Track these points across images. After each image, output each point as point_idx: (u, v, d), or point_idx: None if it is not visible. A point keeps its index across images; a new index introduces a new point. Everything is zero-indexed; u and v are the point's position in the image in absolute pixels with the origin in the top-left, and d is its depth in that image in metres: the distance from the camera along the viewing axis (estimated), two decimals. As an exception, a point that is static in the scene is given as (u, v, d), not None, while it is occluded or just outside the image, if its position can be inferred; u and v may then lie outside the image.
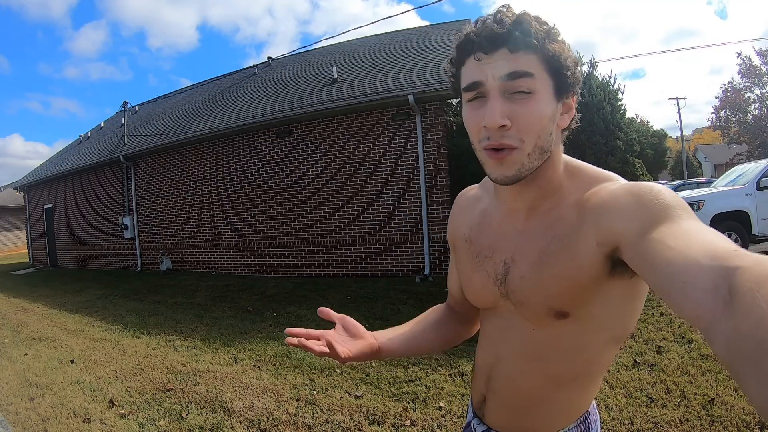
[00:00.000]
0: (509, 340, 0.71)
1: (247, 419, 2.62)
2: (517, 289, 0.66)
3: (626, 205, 0.54)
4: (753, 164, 7.12)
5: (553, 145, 0.62)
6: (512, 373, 0.71)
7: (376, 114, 6.94)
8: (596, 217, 0.58)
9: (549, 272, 0.62)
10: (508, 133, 0.58)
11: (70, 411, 2.87)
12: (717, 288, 0.36)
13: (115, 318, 5.52)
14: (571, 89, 0.62)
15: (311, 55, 11.04)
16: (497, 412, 0.76)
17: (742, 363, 0.31)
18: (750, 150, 22.21)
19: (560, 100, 0.61)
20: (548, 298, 0.63)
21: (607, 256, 0.57)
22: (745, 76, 21.62)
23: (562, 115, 0.63)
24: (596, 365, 0.69)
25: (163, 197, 9.67)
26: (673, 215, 0.50)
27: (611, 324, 0.64)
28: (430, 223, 6.62)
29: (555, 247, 0.62)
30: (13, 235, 23.32)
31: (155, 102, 14.18)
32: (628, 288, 0.60)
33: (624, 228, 0.53)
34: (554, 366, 0.67)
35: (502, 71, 0.57)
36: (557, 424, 0.72)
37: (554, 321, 0.64)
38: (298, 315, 5.00)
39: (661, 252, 0.45)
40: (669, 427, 2.21)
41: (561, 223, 0.63)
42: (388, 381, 3.02)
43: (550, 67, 0.58)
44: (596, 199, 0.59)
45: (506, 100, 0.57)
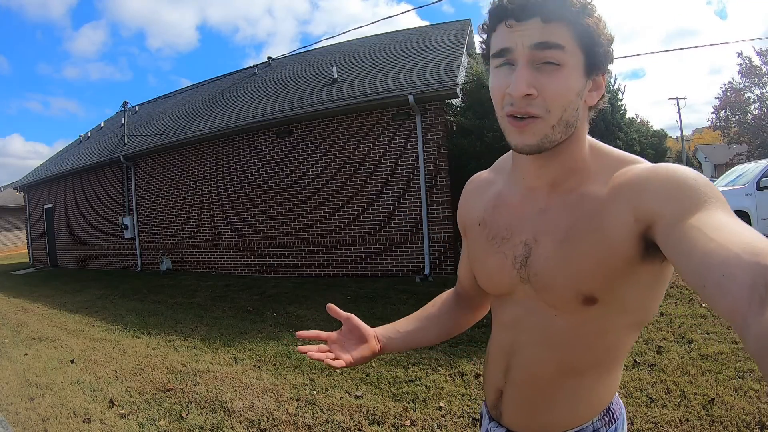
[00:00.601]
0: (528, 328, 0.68)
1: (247, 419, 2.62)
2: (541, 271, 0.64)
3: (667, 185, 0.53)
4: (753, 164, 7.12)
5: (578, 121, 0.61)
6: (531, 362, 0.68)
7: (376, 114, 6.94)
8: (633, 194, 0.56)
9: (578, 251, 0.60)
10: (533, 102, 0.57)
11: (70, 411, 2.86)
12: (755, 285, 0.37)
13: (115, 318, 5.52)
14: (603, 67, 0.60)
15: (311, 55, 11.04)
16: (516, 407, 0.72)
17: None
18: (750, 150, 22.20)
19: (590, 76, 0.59)
20: (577, 280, 0.60)
21: (641, 236, 0.55)
22: (745, 76, 21.61)
23: (591, 92, 0.61)
24: (618, 351, 0.67)
25: (163, 197, 9.67)
26: (713, 204, 0.49)
27: (635, 308, 0.62)
28: (430, 223, 6.62)
29: (584, 225, 0.60)
30: (13, 235, 23.32)
31: (155, 102, 14.17)
32: (656, 272, 0.59)
33: (662, 208, 0.52)
34: (575, 352, 0.65)
35: (532, 40, 0.56)
36: (580, 416, 0.69)
37: (580, 307, 0.61)
38: (298, 315, 5.00)
39: (700, 241, 0.45)
40: (669, 427, 2.21)
41: (589, 201, 0.61)
42: (388, 381, 3.02)
43: (583, 41, 0.57)
44: (632, 176, 0.58)
45: (534, 70, 0.56)
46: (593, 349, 0.65)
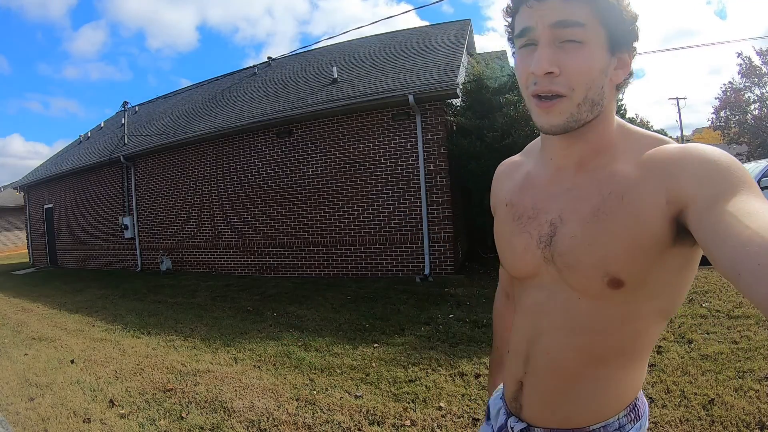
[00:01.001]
0: (550, 312, 0.66)
1: (247, 419, 2.62)
2: (566, 251, 0.62)
3: (701, 167, 0.52)
4: (753, 164, 7.12)
5: (605, 100, 0.60)
6: (553, 349, 0.66)
7: (376, 114, 6.94)
8: (666, 175, 0.55)
9: (605, 230, 0.58)
10: (557, 80, 0.57)
11: (70, 411, 2.86)
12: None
13: (115, 318, 5.52)
14: (627, 44, 0.59)
15: (311, 55, 11.04)
16: (537, 398, 0.69)
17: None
18: (750, 150, 22.19)
19: (614, 54, 0.59)
20: (604, 259, 0.58)
21: (673, 218, 0.54)
22: (745, 76, 21.61)
23: (616, 71, 0.60)
24: (643, 340, 0.64)
25: (163, 197, 9.67)
26: (746, 189, 0.48)
27: (660, 293, 0.60)
28: (430, 223, 6.62)
29: (613, 204, 0.58)
30: (13, 235, 23.32)
31: (155, 102, 14.18)
32: (686, 256, 0.58)
33: (696, 191, 0.51)
34: (599, 338, 0.63)
35: (552, 18, 0.56)
36: (605, 410, 0.66)
37: (605, 290, 0.59)
38: (298, 315, 5.00)
39: (735, 228, 0.44)
40: (669, 427, 2.21)
41: (618, 180, 0.59)
42: (388, 381, 3.02)
43: (605, 18, 0.56)
44: (665, 156, 0.56)
45: (557, 49, 0.57)
46: (617, 336, 0.62)
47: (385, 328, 4.25)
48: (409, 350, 3.58)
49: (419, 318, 4.50)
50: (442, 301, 5.08)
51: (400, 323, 4.37)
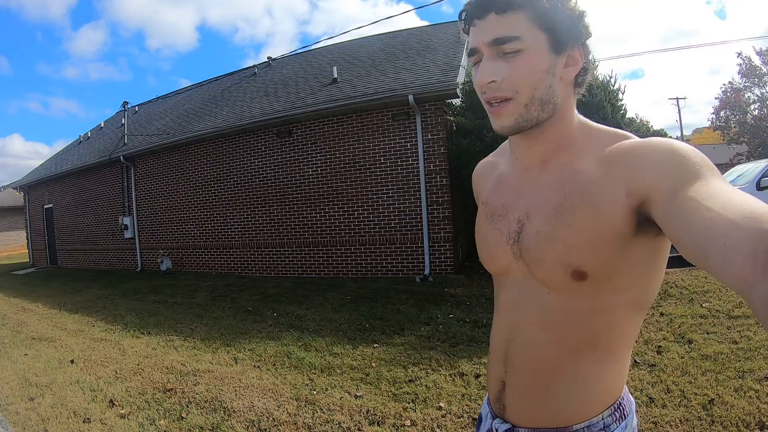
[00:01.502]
0: (524, 309, 0.68)
1: (247, 419, 2.62)
2: (532, 246, 0.64)
3: (659, 157, 0.54)
4: (753, 164, 7.12)
5: (557, 98, 0.63)
6: (530, 345, 0.68)
7: (376, 114, 6.94)
8: (625, 167, 0.57)
9: (567, 224, 0.61)
10: (501, 86, 0.61)
11: (70, 411, 2.86)
12: (756, 252, 0.37)
13: (115, 318, 5.52)
14: (571, 42, 0.62)
15: (311, 55, 11.04)
16: (518, 396, 0.70)
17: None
18: (750, 150, 22.20)
19: (560, 53, 0.61)
20: (565, 252, 0.60)
21: (635, 210, 0.55)
22: (745, 76, 21.62)
23: (566, 68, 0.62)
24: (618, 334, 0.65)
25: (163, 197, 9.67)
26: (706, 174, 0.50)
27: (629, 285, 0.61)
28: (430, 223, 6.62)
29: (574, 200, 0.61)
30: (13, 235, 23.31)
31: (155, 102, 14.18)
32: (650, 247, 0.59)
33: (657, 181, 0.52)
34: (571, 332, 0.64)
35: (489, 36, 0.60)
36: (588, 408, 0.66)
37: (571, 282, 0.61)
38: (298, 315, 5.00)
39: (698, 212, 0.45)
40: (669, 427, 2.21)
41: (580, 177, 0.62)
42: (388, 381, 3.02)
43: (543, 23, 0.59)
44: (624, 150, 0.58)
45: (499, 60, 0.61)
46: (590, 329, 0.64)
47: (385, 328, 4.25)
48: (409, 350, 3.58)
49: (419, 318, 4.50)
50: (442, 301, 5.08)
51: (400, 323, 4.37)
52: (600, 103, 6.04)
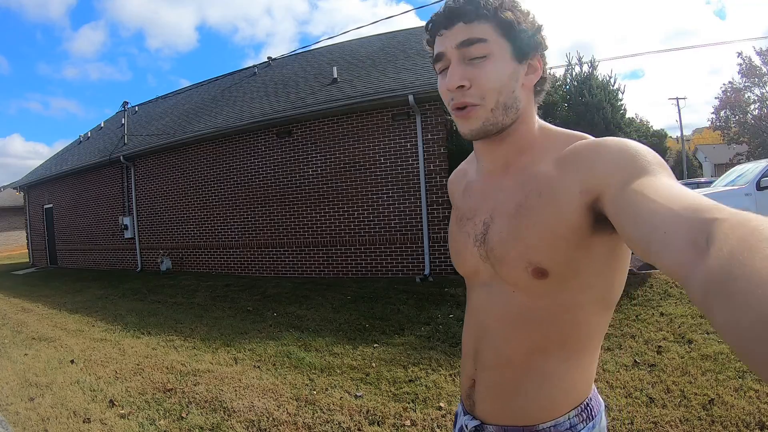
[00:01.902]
0: (492, 308, 0.71)
1: (247, 419, 2.62)
2: (495, 246, 0.67)
3: (611, 155, 0.56)
4: (753, 164, 7.11)
5: (520, 103, 0.66)
6: (498, 343, 0.70)
7: (376, 114, 6.94)
8: (579, 166, 0.59)
9: (526, 223, 0.63)
10: (468, 93, 0.64)
11: (70, 411, 2.86)
12: (696, 239, 0.38)
13: (115, 318, 5.52)
14: (532, 51, 0.65)
15: (311, 55, 11.04)
16: (487, 393, 0.72)
17: (712, 298, 0.32)
18: (750, 150, 22.20)
19: (522, 61, 0.65)
20: (526, 250, 0.63)
21: (589, 207, 0.58)
22: (745, 76, 21.61)
23: (528, 75, 0.66)
24: (583, 331, 0.66)
25: (163, 197, 9.67)
26: (655, 170, 0.51)
27: (592, 282, 0.63)
28: (430, 223, 6.62)
29: (533, 201, 0.64)
30: (13, 235, 23.32)
31: (155, 102, 14.18)
32: (610, 244, 0.61)
33: (608, 177, 0.54)
34: (537, 329, 0.66)
35: (458, 39, 0.64)
36: (554, 406, 0.67)
37: (533, 281, 0.63)
38: (298, 315, 5.00)
39: (644, 204, 0.47)
40: (669, 427, 2.21)
41: (539, 178, 0.64)
42: (388, 381, 3.02)
43: (505, 32, 0.63)
44: (578, 150, 0.61)
45: (466, 66, 0.64)
46: (556, 327, 0.65)
47: (385, 328, 4.25)
48: (409, 350, 3.58)
49: (419, 318, 4.50)
50: (442, 301, 5.08)
51: (400, 323, 4.37)
52: (600, 103, 6.05)
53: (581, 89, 6.29)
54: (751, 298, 0.28)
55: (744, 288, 0.29)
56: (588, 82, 6.36)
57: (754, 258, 0.30)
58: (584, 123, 6.08)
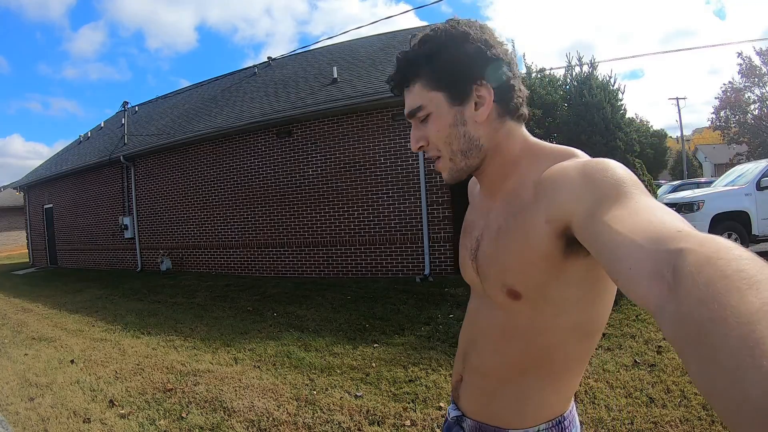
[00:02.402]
0: (481, 319, 0.75)
1: (247, 419, 2.62)
2: (482, 264, 0.70)
3: (575, 183, 0.54)
4: (753, 164, 7.11)
5: (480, 140, 0.68)
6: (484, 351, 0.74)
7: (376, 114, 6.94)
8: (546, 194, 0.59)
9: (502, 246, 0.65)
10: (428, 149, 0.70)
11: (70, 411, 2.86)
12: (662, 273, 0.37)
13: (115, 318, 5.52)
14: (470, 85, 0.65)
15: (311, 55, 11.04)
16: (470, 393, 0.77)
17: (685, 345, 0.32)
18: (750, 150, 22.21)
19: (463, 101, 0.66)
20: (501, 273, 0.65)
21: (559, 235, 0.57)
22: (745, 76, 21.62)
23: (477, 110, 0.66)
24: (558, 355, 0.67)
25: (163, 197, 9.67)
26: (621, 193, 0.49)
27: (570, 309, 0.63)
28: (430, 223, 6.62)
29: (510, 224, 0.65)
30: (13, 235, 23.32)
31: (155, 102, 14.18)
32: (584, 269, 0.60)
33: (573, 207, 0.53)
34: (515, 347, 0.68)
35: (405, 111, 0.70)
36: (527, 418, 0.70)
37: (509, 301, 0.65)
38: (298, 315, 5.00)
39: (608, 235, 0.45)
40: (669, 427, 2.21)
41: (517, 201, 0.65)
42: (388, 381, 3.02)
43: (436, 82, 0.66)
44: (548, 176, 0.60)
45: (420, 126, 0.70)
46: (531, 348, 0.67)
47: (385, 328, 4.25)
48: (409, 350, 3.58)
49: (419, 318, 4.50)
50: (442, 301, 5.08)
51: (400, 323, 4.37)
52: (600, 104, 6.04)
53: (581, 89, 6.28)
54: (726, 359, 0.28)
55: (717, 346, 0.28)
56: (588, 82, 6.35)
57: (726, 312, 0.29)
58: (584, 123, 6.07)
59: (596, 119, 5.98)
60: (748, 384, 0.26)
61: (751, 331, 0.27)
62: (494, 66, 0.65)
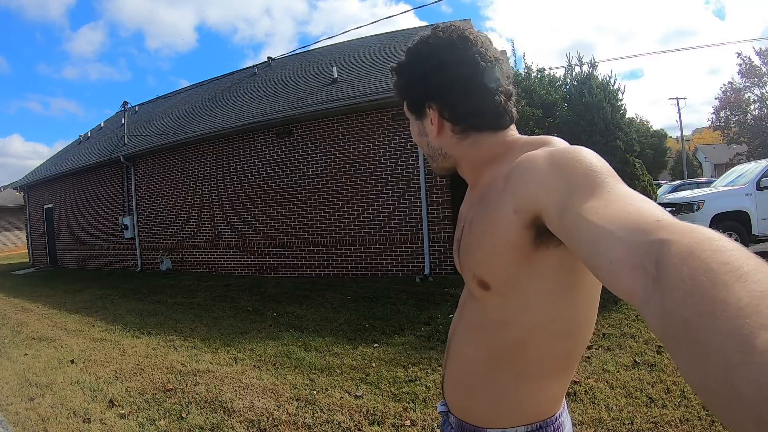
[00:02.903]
0: (462, 311, 0.76)
1: (247, 419, 2.62)
2: (461, 255, 0.72)
3: (545, 172, 0.52)
4: (753, 164, 7.11)
5: (444, 149, 0.73)
6: (461, 344, 0.74)
7: (376, 114, 6.94)
8: (514, 184, 0.56)
9: (475, 236, 0.66)
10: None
11: (70, 411, 2.86)
12: (644, 265, 0.35)
13: (115, 318, 5.52)
14: (421, 104, 0.72)
15: (311, 55, 11.04)
16: (450, 383, 0.77)
17: (672, 340, 0.31)
18: (750, 150, 22.22)
19: (421, 118, 0.73)
20: (473, 262, 0.66)
21: (528, 225, 0.55)
22: (745, 76, 21.63)
23: (432, 126, 0.71)
24: (532, 352, 0.64)
25: (163, 197, 9.67)
26: (595, 182, 0.48)
27: (541, 303, 0.60)
28: (430, 223, 6.62)
29: (480, 214, 0.65)
30: (13, 235, 23.32)
31: (155, 102, 14.18)
32: (555, 260, 0.57)
33: (543, 198, 0.51)
34: (488, 338, 0.68)
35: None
36: (501, 417, 0.68)
37: (480, 291, 0.66)
38: (298, 315, 5.00)
39: (585, 228, 0.44)
40: (669, 427, 2.21)
41: (488, 191, 0.65)
42: (388, 381, 3.02)
43: (402, 95, 0.76)
44: (516, 166, 0.58)
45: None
46: (502, 341, 0.65)
47: (385, 328, 4.25)
48: (409, 350, 3.58)
49: (419, 318, 4.50)
50: (442, 301, 5.08)
51: (400, 323, 4.37)
52: (600, 103, 6.05)
53: (581, 89, 6.28)
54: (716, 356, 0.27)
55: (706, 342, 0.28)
56: (588, 82, 6.35)
57: (714, 306, 0.28)
58: (584, 123, 6.07)
59: (596, 119, 5.98)
60: (739, 381, 0.25)
61: (740, 326, 0.26)
62: (442, 90, 0.68)
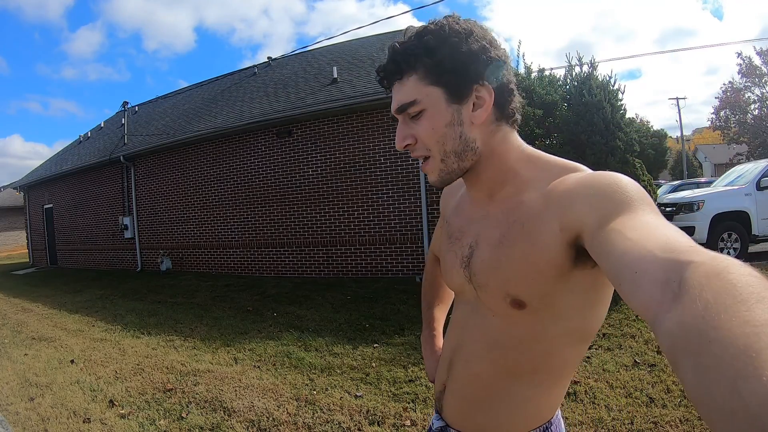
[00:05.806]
0: (471, 326, 0.72)
1: (247, 419, 2.62)
2: (478, 272, 0.67)
3: (591, 194, 0.54)
4: (753, 164, 7.11)
5: (475, 143, 0.65)
6: (471, 359, 0.72)
7: (376, 114, 6.94)
8: (561, 203, 0.58)
9: (508, 255, 0.63)
10: (416, 147, 0.66)
11: (70, 411, 2.86)
12: (668, 281, 0.36)
13: (115, 318, 5.52)
14: (471, 85, 0.62)
15: (311, 55, 11.03)
16: (455, 402, 0.75)
17: (681, 354, 0.31)
18: (750, 150, 22.20)
19: (462, 100, 0.63)
20: (506, 282, 0.63)
21: (570, 244, 0.56)
22: (745, 76, 21.62)
23: (475, 111, 0.63)
24: (556, 361, 0.67)
25: (163, 197, 9.67)
26: (634, 207, 0.50)
27: (570, 315, 0.63)
28: (430, 223, 6.62)
29: (516, 231, 0.63)
30: (13, 235, 23.32)
31: (155, 102, 14.18)
32: (590, 278, 0.60)
33: (587, 217, 0.53)
34: (511, 354, 0.67)
35: (394, 105, 0.66)
36: (516, 426, 0.70)
37: (510, 310, 0.64)
38: (298, 315, 5.00)
39: (618, 242, 0.45)
40: (669, 427, 2.21)
41: (523, 209, 0.63)
42: (388, 381, 3.02)
43: (435, 79, 0.62)
44: (563, 187, 0.59)
45: (409, 123, 0.66)
46: (529, 354, 0.66)
47: (385, 328, 4.25)
48: (409, 350, 3.58)
49: (419, 318, 4.49)
50: (442, 301, 5.07)
51: (400, 323, 4.37)
52: (600, 103, 6.04)
53: (581, 89, 6.27)
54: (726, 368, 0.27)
55: (718, 354, 0.28)
56: (588, 82, 6.34)
57: (732, 322, 0.28)
58: (584, 123, 6.06)
59: (596, 119, 5.97)
60: (746, 393, 0.25)
61: (755, 342, 0.27)
62: (496, 67, 0.63)
